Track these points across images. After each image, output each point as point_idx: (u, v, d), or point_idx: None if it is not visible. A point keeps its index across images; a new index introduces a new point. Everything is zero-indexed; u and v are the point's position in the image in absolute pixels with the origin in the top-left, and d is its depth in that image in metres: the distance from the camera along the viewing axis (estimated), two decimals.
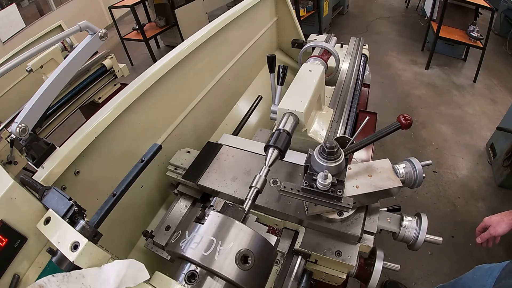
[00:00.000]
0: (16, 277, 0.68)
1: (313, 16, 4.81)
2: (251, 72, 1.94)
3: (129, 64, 4.86)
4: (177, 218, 1.09)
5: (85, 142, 0.91)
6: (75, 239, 0.58)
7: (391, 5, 6.43)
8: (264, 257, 0.64)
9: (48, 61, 1.66)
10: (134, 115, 1.08)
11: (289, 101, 1.01)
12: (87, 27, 0.90)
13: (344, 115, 1.41)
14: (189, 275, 0.61)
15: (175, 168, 1.15)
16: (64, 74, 0.86)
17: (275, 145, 0.83)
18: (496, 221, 1.14)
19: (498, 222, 1.13)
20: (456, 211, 2.50)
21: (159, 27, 4.82)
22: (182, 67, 1.26)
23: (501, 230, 1.12)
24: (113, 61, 2.20)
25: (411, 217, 0.95)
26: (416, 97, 3.78)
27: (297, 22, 2.09)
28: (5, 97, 2.07)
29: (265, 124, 1.80)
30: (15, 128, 0.75)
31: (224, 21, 1.49)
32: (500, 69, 4.20)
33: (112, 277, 0.54)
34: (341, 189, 0.74)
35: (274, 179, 1.02)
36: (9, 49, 3.24)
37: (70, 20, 1.69)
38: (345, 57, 1.84)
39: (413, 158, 0.93)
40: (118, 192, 0.71)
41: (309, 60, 1.35)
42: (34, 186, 0.72)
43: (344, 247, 0.88)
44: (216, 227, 0.64)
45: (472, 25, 3.87)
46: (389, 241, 1.05)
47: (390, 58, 4.57)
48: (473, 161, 2.91)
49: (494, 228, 1.13)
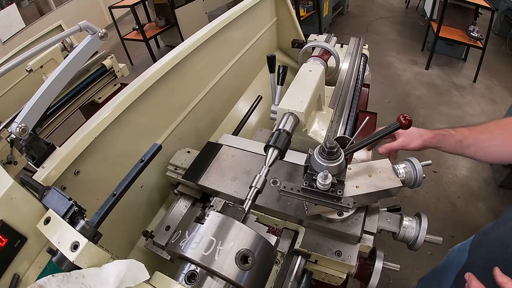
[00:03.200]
0: (16, 277, 0.68)
1: (313, 16, 4.81)
2: (251, 72, 1.94)
3: (129, 64, 4.86)
4: (177, 218, 1.09)
5: (85, 142, 0.91)
6: (75, 239, 0.58)
7: (391, 5, 6.43)
8: (264, 257, 0.64)
9: (48, 61, 1.66)
10: (134, 115, 1.08)
11: (289, 101, 1.01)
12: (87, 27, 0.90)
13: (344, 115, 1.40)
14: (189, 275, 0.61)
15: (175, 168, 1.15)
16: (64, 74, 0.86)
17: (275, 145, 0.83)
18: (416, 136, 0.99)
19: (416, 138, 0.99)
20: (456, 211, 2.50)
21: (159, 27, 4.82)
22: (182, 67, 1.26)
23: (413, 145, 0.99)
24: (113, 61, 2.20)
25: (411, 217, 0.95)
26: (416, 97, 3.78)
27: (297, 22, 2.09)
28: (5, 97, 2.07)
29: (265, 124, 1.80)
30: (15, 128, 0.75)
31: (224, 21, 1.49)
32: (500, 69, 4.20)
33: (112, 277, 0.54)
34: (341, 189, 0.74)
35: (274, 179, 1.02)
36: (9, 49, 3.23)
37: (70, 20, 1.69)
38: (345, 57, 1.84)
39: (413, 158, 0.93)
40: (118, 192, 0.71)
41: (309, 60, 1.35)
42: (34, 186, 0.72)
43: (344, 247, 0.88)
44: (216, 227, 0.64)
45: (472, 25, 3.88)
46: (389, 241, 1.05)
47: (390, 58, 4.58)
48: (473, 161, 2.91)
49: (408, 142, 0.99)
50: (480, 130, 0.93)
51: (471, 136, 0.93)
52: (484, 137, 0.91)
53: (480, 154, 0.93)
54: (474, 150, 0.93)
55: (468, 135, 0.93)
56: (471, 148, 0.93)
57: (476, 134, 0.92)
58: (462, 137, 0.94)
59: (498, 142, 0.89)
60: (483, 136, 0.91)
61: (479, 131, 0.93)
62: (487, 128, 0.92)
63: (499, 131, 0.90)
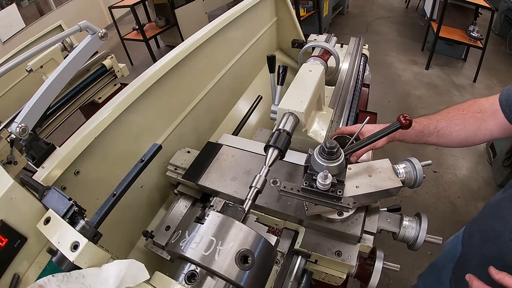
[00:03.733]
0: (16, 277, 0.68)
1: (313, 16, 4.81)
2: (251, 72, 1.94)
3: (129, 64, 4.86)
4: (177, 218, 1.09)
5: (85, 142, 0.91)
6: (75, 239, 0.58)
7: (391, 5, 6.43)
8: (264, 257, 0.64)
9: (48, 61, 1.66)
10: (134, 115, 1.08)
11: (289, 101, 1.01)
12: (87, 27, 0.90)
13: (344, 115, 1.41)
14: (189, 275, 0.61)
15: (175, 168, 1.15)
16: (64, 74, 0.86)
17: (275, 145, 0.83)
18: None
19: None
20: (456, 211, 2.50)
21: (159, 27, 4.83)
22: (182, 67, 1.26)
23: (379, 144, 0.98)
24: (113, 61, 2.20)
25: (411, 217, 0.95)
26: (416, 97, 3.78)
27: (297, 22, 2.09)
28: (5, 97, 2.07)
29: (265, 124, 1.80)
30: (15, 128, 0.75)
31: (224, 21, 1.49)
32: (500, 69, 4.20)
33: (112, 277, 0.54)
34: (341, 189, 0.74)
35: (274, 179, 1.02)
36: (9, 49, 3.24)
37: (70, 20, 1.69)
38: (345, 57, 1.84)
39: (413, 158, 0.93)
40: (118, 192, 0.71)
41: (309, 60, 1.35)
42: (34, 186, 0.72)
43: (344, 247, 0.88)
44: (216, 227, 0.64)
45: (472, 25, 3.88)
46: (389, 241, 1.05)
47: (390, 58, 4.58)
48: (473, 161, 2.91)
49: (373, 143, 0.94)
50: (439, 117, 0.95)
51: (431, 125, 0.95)
52: (444, 123, 0.93)
53: (443, 140, 0.95)
54: (436, 138, 0.95)
55: (429, 124, 0.95)
56: (433, 136, 0.95)
57: (436, 122, 0.94)
58: (422, 127, 0.96)
59: (459, 127, 0.91)
60: (443, 123, 0.93)
61: (438, 119, 0.95)
62: (447, 114, 0.94)
63: (459, 116, 0.92)
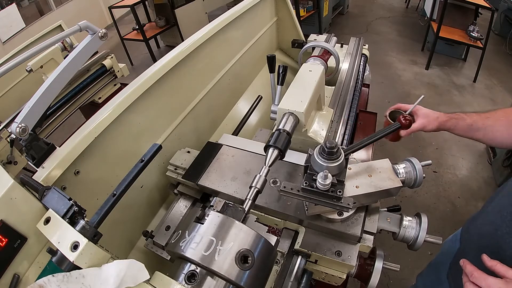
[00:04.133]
0: (16, 277, 0.68)
1: (313, 16, 4.80)
2: (251, 72, 1.94)
3: (129, 64, 4.86)
4: (177, 218, 1.09)
5: (85, 142, 0.91)
6: (75, 239, 0.58)
7: (391, 5, 6.42)
8: (264, 257, 0.64)
9: (48, 61, 1.66)
10: (134, 115, 1.08)
11: (289, 101, 1.01)
12: (87, 27, 0.90)
13: (344, 115, 1.41)
14: (189, 275, 0.61)
15: (175, 168, 1.15)
16: (64, 74, 0.86)
17: (275, 145, 0.83)
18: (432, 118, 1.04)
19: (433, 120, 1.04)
20: (456, 211, 2.50)
21: (159, 27, 4.82)
22: (182, 67, 1.26)
23: (430, 127, 1.04)
24: (113, 61, 2.20)
25: (411, 217, 0.95)
26: (416, 97, 3.73)
27: (297, 22, 2.09)
28: (5, 97, 2.07)
29: (265, 124, 1.80)
30: (15, 128, 0.75)
31: (224, 21, 1.49)
32: (500, 69, 4.20)
33: (112, 277, 0.54)
34: (341, 189, 0.74)
35: (274, 179, 1.02)
36: (9, 49, 3.23)
37: (70, 20, 1.69)
38: (345, 57, 1.84)
39: (413, 158, 0.94)
40: (118, 192, 0.71)
41: (309, 60, 1.35)
42: (34, 186, 0.72)
43: (344, 247, 0.88)
44: (216, 227, 0.64)
45: (472, 25, 3.87)
46: (389, 241, 1.05)
47: (390, 58, 4.57)
48: (473, 161, 2.91)
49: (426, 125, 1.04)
50: (487, 116, 0.99)
51: (480, 121, 0.99)
52: (491, 122, 0.97)
53: (487, 138, 0.99)
54: (483, 134, 0.99)
55: (477, 119, 0.99)
56: (480, 132, 0.99)
57: (484, 119, 0.98)
58: (472, 121, 1.00)
59: (503, 128, 0.95)
60: (490, 121, 0.97)
61: (486, 116, 0.99)
62: (494, 114, 0.98)
63: (504, 118, 0.96)
